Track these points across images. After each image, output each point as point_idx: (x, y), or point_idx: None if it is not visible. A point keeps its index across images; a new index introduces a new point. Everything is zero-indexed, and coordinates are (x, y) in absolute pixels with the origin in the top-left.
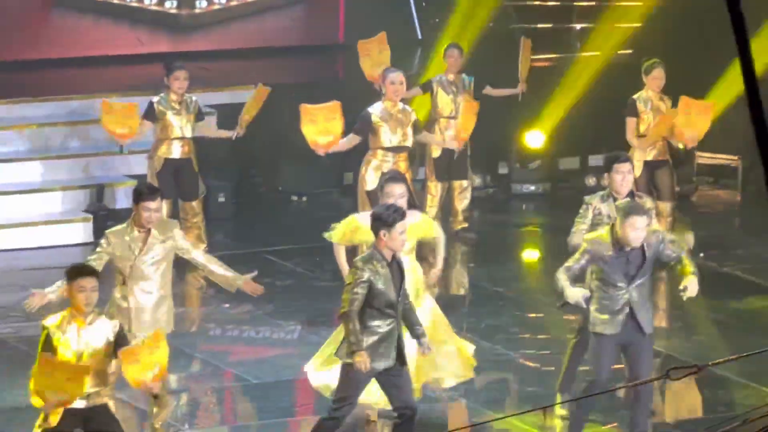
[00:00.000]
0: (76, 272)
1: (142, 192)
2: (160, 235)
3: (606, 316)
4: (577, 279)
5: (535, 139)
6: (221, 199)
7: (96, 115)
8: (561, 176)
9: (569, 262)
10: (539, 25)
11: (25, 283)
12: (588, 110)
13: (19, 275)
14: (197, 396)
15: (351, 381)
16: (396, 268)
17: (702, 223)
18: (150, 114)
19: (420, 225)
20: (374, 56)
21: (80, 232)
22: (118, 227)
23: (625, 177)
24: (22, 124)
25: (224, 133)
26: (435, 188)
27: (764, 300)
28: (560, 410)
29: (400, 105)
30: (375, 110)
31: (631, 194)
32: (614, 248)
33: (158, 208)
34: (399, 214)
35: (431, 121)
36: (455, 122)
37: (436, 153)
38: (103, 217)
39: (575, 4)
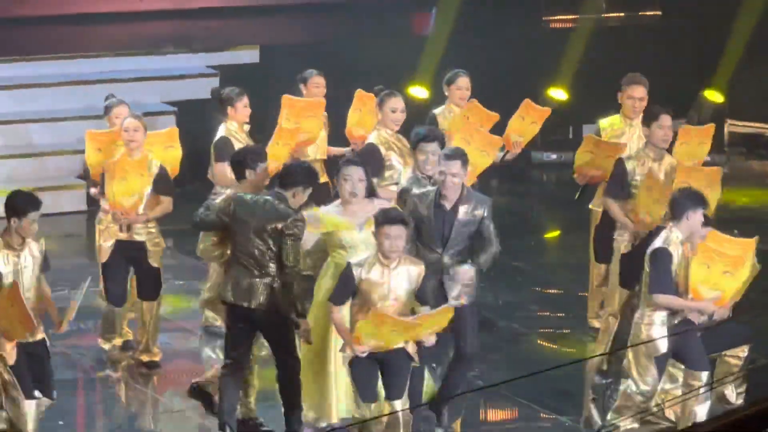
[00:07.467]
0: None
1: None
2: None
3: None
4: None
5: (557, 94)
6: None
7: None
8: None
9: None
10: None
11: None
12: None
13: None
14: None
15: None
16: None
17: (734, 195)
18: (224, 154)
19: None
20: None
21: (73, 199)
22: None
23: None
24: (11, 85)
25: None
26: None
27: None
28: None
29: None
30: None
31: None
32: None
33: None
34: None
35: None
36: None
37: None
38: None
39: None
